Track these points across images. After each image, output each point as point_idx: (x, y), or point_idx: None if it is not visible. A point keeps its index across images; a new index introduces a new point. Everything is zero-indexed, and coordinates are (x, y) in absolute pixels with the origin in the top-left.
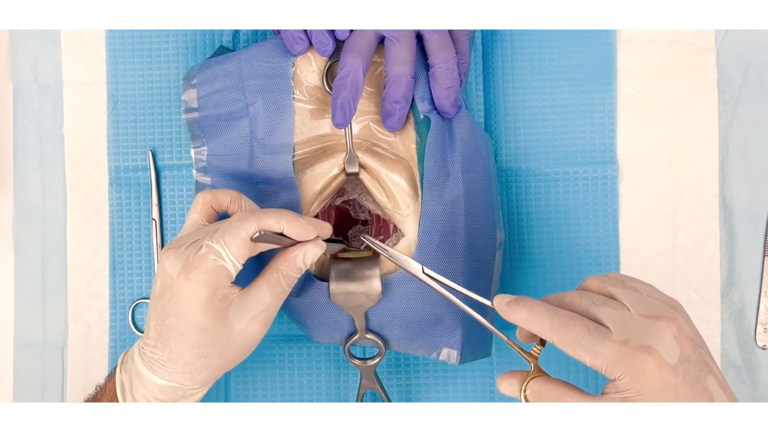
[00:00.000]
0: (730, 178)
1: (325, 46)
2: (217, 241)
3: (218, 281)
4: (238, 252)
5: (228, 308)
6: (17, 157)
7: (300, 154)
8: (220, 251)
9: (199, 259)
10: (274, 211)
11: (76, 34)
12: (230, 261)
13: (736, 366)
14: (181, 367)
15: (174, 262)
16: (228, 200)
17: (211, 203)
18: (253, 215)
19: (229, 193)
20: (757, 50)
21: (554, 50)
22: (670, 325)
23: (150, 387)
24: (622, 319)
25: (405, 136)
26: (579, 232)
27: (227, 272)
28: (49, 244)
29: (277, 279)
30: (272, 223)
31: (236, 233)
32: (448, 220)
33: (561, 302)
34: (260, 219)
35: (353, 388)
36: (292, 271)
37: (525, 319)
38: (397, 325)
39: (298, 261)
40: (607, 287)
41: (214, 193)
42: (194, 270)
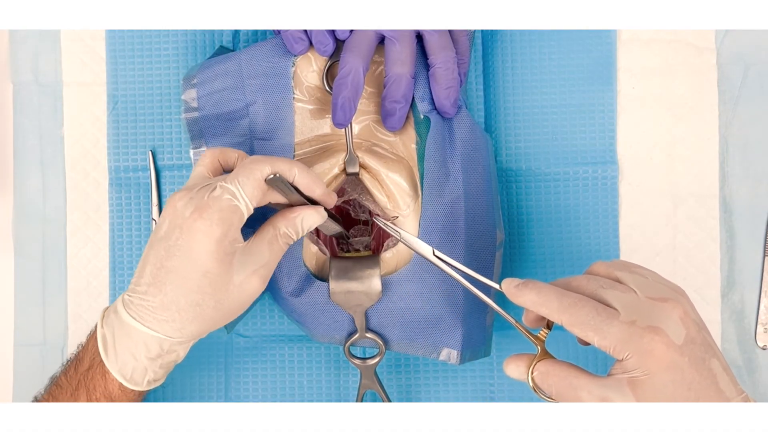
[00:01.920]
0: (730, 178)
1: (325, 46)
2: (231, 182)
3: (231, 221)
4: (252, 193)
5: (233, 256)
6: (17, 157)
7: (300, 154)
8: (235, 191)
9: (214, 199)
10: (286, 159)
11: (76, 34)
12: (244, 202)
13: (736, 366)
14: (172, 314)
15: (187, 203)
16: (236, 157)
17: (219, 158)
18: (266, 158)
19: (236, 152)
20: (757, 50)
21: (554, 50)
22: (676, 307)
23: (135, 338)
24: (629, 301)
25: (405, 136)
26: (579, 232)
27: (240, 213)
28: (49, 244)
29: (274, 235)
30: (285, 167)
31: (250, 174)
32: (448, 220)
33: (568, 285)
34: (274, 162)
35: (353, 388)
36: (290, 230)
37: (534, 301)
38: (397, 324)
39: (296, 221)
40: (613, 272)
41: (222, 149)
42: (208, 209)
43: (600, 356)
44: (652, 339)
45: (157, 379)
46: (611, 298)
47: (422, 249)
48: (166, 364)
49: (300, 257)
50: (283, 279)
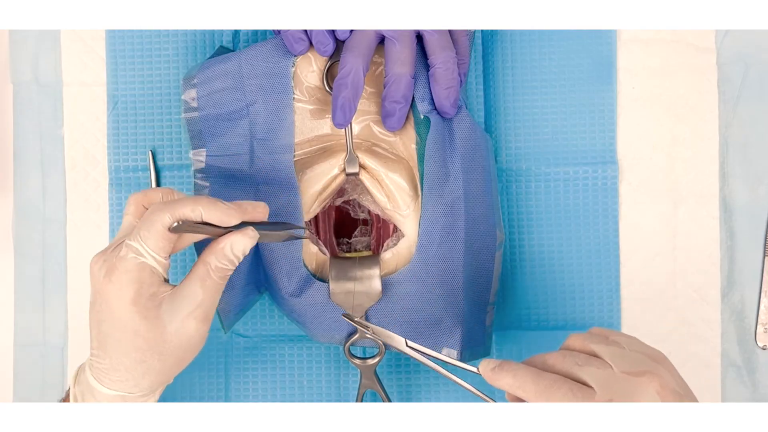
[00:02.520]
0: (730, 178)
1: (325, 46)
2: (134, 238)
3: (141, 279)
4: (157, 246)
5: (159, 307)
6: (17, 157)
7: (300, 154)
8: (138, 248)
9: (120, 259)
10: (189, 198)
11: (76, 34)
12: (150, 256)
13: (736, 366)
14: (123, 374)
15: (100, 266)
16: (159, 197)
17: (143, 202)
18: (166, 205)
19: (160, 190)
20: (757, 50)
21: (554, 50)
22: (653, 380)
23: (99, 398)
24: (605, 379)
25: (405, 136)
26: (579, 232)
27: (149, 268)
28: (49, 244)
29: (205, 272)
30: (187, 211)
31: (150, 226)
32: (448, 221)
33: (544, 364)
34: (174, 208)
35: (353, 388)
36: (221, 263)
37: (510, 385)
38: (397, 324)
39: (226, 251)
40: (589, 345)
41: (145, 192)
42: (116, 271)
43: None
44: None
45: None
46: (587, 376)
47: (395, 341)
48: None
49: (300, 257)
50: (283, 279)
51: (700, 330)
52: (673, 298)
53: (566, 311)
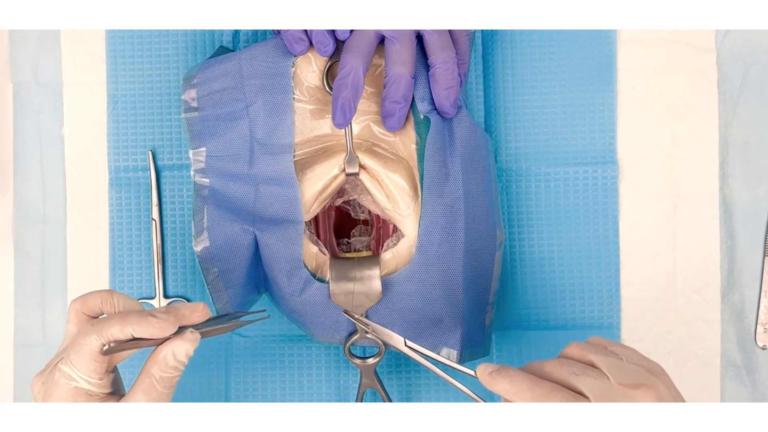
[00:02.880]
0: (730, 178)
1: (325, 46)
2: (65, 363)
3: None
4: (88, 369)
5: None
6: (17, 157)
7: (300, 154)
8: (70, 373)
9: (54, 384)
10: (117, 317)
11: (76, 34)
12: (83, 380)
13: (736, 366)
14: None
15: (39, 390)
16: (99, 302)
17: (83, 310)
18: (94, 326)
19: (99, 294)
20: (757, 50)
21: (554, 50)
22: (648, 393)
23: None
24: (601, 389)
25: (405, 136)
26: (579, 232)
27: (85, 391)
28: (49, 244)
29: (150, 384)
30: (115, 332)
31: (80, 351)
32: (448, 221)
33: (542, 371)
34: (101, 330)
35: (353, 387)
36: (164, 372)
37: (506, 390)
38: (397, 324)
39: (168, 360)
40: (587, 354)
41: (83, 299)
42: (51, 398)
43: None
44: None
45: None
46: (583, 385)
47: (394, 340)
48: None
49: (300, 258)
50: (283, 280)
51: (700, 330)
52: (673, 298)
53: (566, 311)
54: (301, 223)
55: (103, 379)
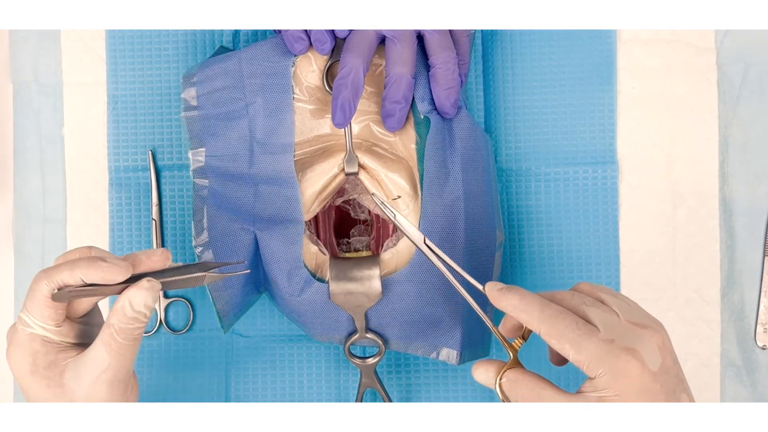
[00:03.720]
0: (730, 178)
1: (323, 44)
2: (23, 311)
3: (34, 350)
4: (42, 315)
5: (62, 375)
6: (17, 157)
7: (300, 154)
8: (26, 319)
9: (13, 331)
10: (67, 262)
11: (76, 34)
12: (39, 326)
13: (736, 366)
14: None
15: (4, 340)
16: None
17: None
18: (45, 272)
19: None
20: (757, 50)
21: (554, 50)
22: (654, 335)
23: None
24: (610, 321)
25: (405, 136)
26: (579, 232)
27: (40, 338)
28: (49, 244)
29: (110, 335)
30: (65, 277)
31: (33, 296)
32: (448, 221)
33: (552, 298)
34: (51, 276)
35: (353, 387)
36: (123, 323)
37: (515, 306)
38: (397, 324)
39: (126, 311)
40: (597, 292)
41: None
42: (11, 345)
43: (571, 375)
44: (628, 360)
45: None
46: (593, 315)
47: (414, 235)
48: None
49: (300, 258)
50: (283, 280)
51: (700, 330)
52: (672, 298)
53: None
54: (301, 223)
55: (62, 327)
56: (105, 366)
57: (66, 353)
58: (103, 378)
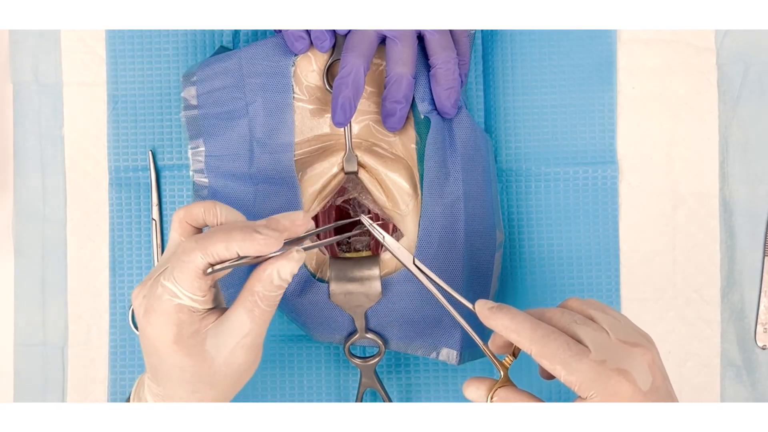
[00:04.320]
0: (730, 178)
1: (322, 42)
2: (169, 279)
3: (180, 320)
4: (192, 287)
5: (203, 342)
6: (17, 157)
7: (299, 153)
8: (174, 290)
9: (157, 299)
10: (221, 234)
11: (76, 34)
12: (187, 297)
13: (736, 366)
14: (179, 401)
15: (140, 303)
16: (201, 212)
17: (186, 219)
18: (198, 244)
19: (202, 205)
20: (757, 50)
21: (554, 50)
22: (645, 353)
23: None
24: (601, 340)
25: (405, 136)
26: (579, 232)
27: (187, 308)
28: (49, 244)
29: (253, 302)
30: (221, 250)
31: (184, 268)
32: (448, 221)
33: (542, 316)
34: (206, 248)
35: (353, 387)
36: (269, 291)
37: (506, 326)
38: (397, 325)
39: (274, 279)
40: (587, 309)
41: (187, 208)
42: (153, 313)
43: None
44: (619, 381)
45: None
46: (583, 334)
47: (403, 256)
48: None
49: None
50: None
51: (700, 330)
52: (672, 298)
53: None
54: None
55: (206, 296)
56: (246, 331)
57: (207, 320)
58: (243, 343)
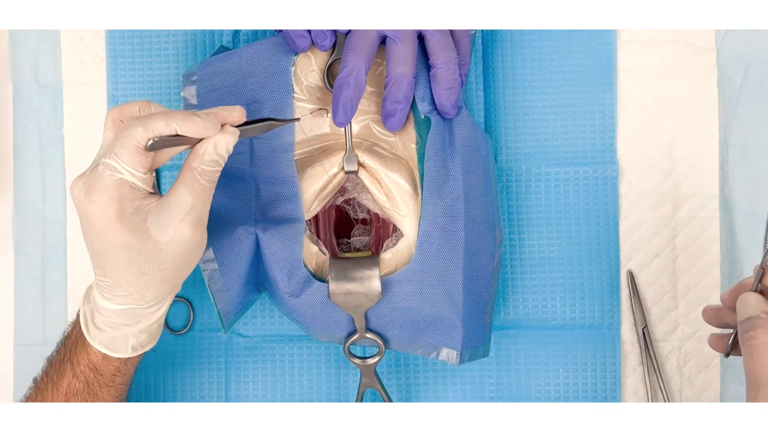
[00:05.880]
0: (730, 178)
1: (323, 40)
2: (109, 156)
3: (122, 195)
4: (133, 161)
5: (145, 220)
6: (17, 157)
7: (299, 153)
8: (115, 165)
9: (97, 178)
10: (163, 113)
11: (76, 34)
12: (128, 172)
13: (736, 366)
14: (125, 289)
15: (80, 188)
16: (136, 110)
17: (120, 117)
18: (140, 120)
19: (137, 103)
20: (757, 50)
21: (554, 50)
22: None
23: (107, 314)
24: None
25: (405, 136)
26: (579, 232)
27: (128, 184)
28: (49, 244)
29: (193, 177)
30: (161, 126)
31: (125, 142)
32: (448, 221)
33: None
34: (147, 124)
35: (353, 387)
36: (207, 165)
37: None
38: (397, 325)
39: (209, 154)
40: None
41: (121, 107)
42: (95, 191)
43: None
44: None
45: (143, 344)
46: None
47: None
48: (148, 329)
49: (300, 258)
50: (283, 279)
51: (700, 330)
52: (673, 298)
53: (566, 311)
54: (302, 222)
55: (146, 174)
56: (189, 207)
57: (148, 200)
58: (187, 219)
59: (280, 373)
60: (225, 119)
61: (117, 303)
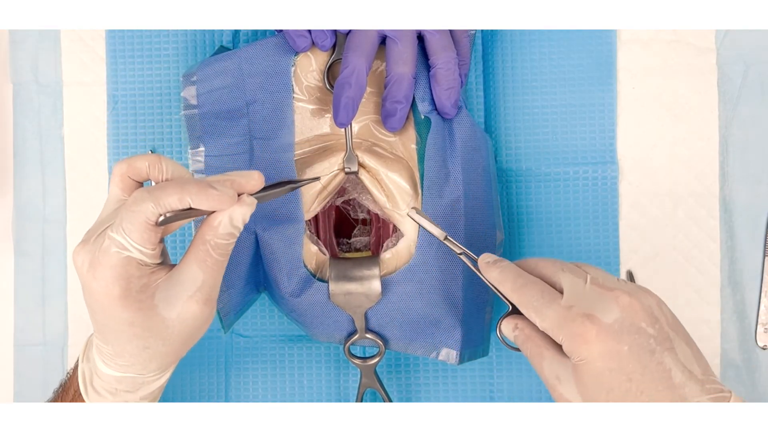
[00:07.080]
0: (730, 178)
1: (323, 40)
2: (117, 230)
3: (129, 273)
4: (142, 239)
5: (153, 297)
6: (17, 157)
7: (299, 153)
8: (122, 242)
9: (103, 253)
10: (175, 184)
11: (76, 34)
12: (136, 250)
13: (736, 366)
14: (128, 360)
15: (83, 258)
16: (146, 166)
17: (129, 174)
18: (151, 195)
19: (146, 158)
20: (757, 50)
21: (554, 50)
22: (621, 296)
23: (107, 380)
24: (575, 286)
25: (405, 136)
26: (579, 232)
27: (136, 262)
28: (49, 244)
29: (205, 251)
30: (174, 201)
31: (134, 219)
32: (448, 221)
33: (536, 265)
34: (159, 198)
35: (353, 387)
36: (221, 239)
37: (495, 278)
38: (397, 325)
39: (224, 227)
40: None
41: (129, 161)
42: (99, 267)
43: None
44: (582, 324)
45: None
46: (563, 280)
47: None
48: (149, 395)
49: (300, 258)
50: (283, 279)
51: (700, 330)
52: (673, 298)
53: None
54: (302, 222)
55: (155, 249)
56: (199, 284)
57: (156, 275)
58: (196, 296)
59: (280, 373)
60: (242, 188)
61: (118, 371)
